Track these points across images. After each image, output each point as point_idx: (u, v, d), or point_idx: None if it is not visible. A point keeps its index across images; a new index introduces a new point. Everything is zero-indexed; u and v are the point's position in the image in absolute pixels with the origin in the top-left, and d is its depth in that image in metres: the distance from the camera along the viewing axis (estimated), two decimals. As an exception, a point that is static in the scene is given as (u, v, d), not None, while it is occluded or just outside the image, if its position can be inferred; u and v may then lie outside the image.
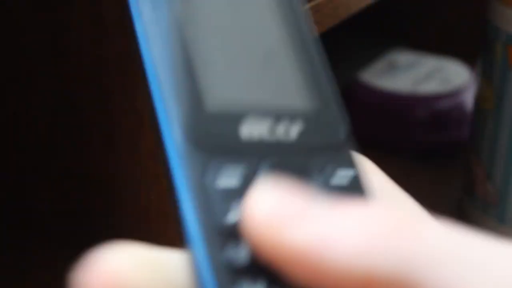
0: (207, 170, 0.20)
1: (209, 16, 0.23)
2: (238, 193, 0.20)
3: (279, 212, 0.18)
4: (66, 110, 0.44)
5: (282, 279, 0.19)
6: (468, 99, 0.65)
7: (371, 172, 0.23)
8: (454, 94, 0.65)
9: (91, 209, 0.45)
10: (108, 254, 0.19)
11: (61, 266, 0.46)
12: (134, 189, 0.43)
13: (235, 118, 0.21)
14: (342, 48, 0.74)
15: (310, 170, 0.21)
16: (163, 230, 0.43)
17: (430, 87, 0.65)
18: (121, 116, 0.42)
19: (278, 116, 0.22)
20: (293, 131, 0.21)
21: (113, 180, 0.44)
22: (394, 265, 0.17)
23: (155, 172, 0.42)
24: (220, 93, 0.21)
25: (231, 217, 0.19)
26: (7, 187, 0.48)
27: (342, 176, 0.21)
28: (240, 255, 0.19)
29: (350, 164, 0.21)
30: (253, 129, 0.21)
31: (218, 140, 0.21)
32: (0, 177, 0.49)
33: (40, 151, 0.46)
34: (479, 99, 0.54)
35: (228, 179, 0.20)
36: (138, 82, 0.41)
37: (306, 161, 0.21)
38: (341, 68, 0.70)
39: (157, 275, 0.20)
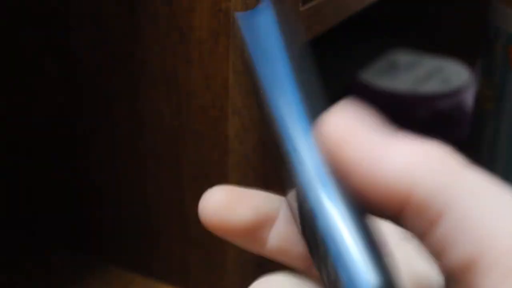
0: None
1: None
2: None
3: (352, 130, 0.22)
4: (65, 110, 0.44)
5: None
6: (468, 99, 0.65)
7: None
8: (454, 94, 0.65)
9: (91, 210, 0.45)
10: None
11: (61, 266, 0.46)
12: (134, 189, 0.43)
13: None
14: (342, 48, 0.74)
15: None
16: (163, 230, 0.43)
17: (430, 87, 0.65)
18: (121, 117, 0.42)
19: None
20: None
21: (113, 180, 0.44)
22: (430, 187, 0.20)
23: (155, 172, 0.42)
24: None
25: None
26: (7, 187, 0.48)
27: None
28: None
29: None
30: None
31: None
32: (0, 177, 0.49)
33: (39, 151, 0.46)
34: (479, 99, 0.54)
35: None
36: (138, 82, 0.41)
37: None
38: (341, 68, 0.70)
39: None
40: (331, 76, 0.69)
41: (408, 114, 0.64)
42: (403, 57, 0.71)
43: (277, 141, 0.23)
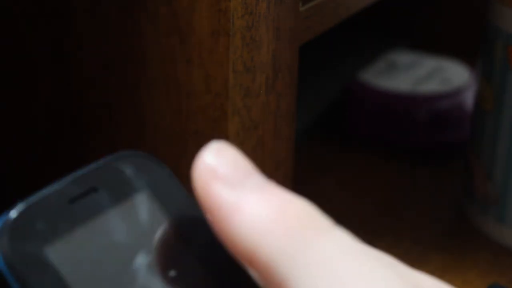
0: None
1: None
2: None
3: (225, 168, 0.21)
4: (66, 110, 0.44)
5: None
6: (468, 99, 0.65)
7: None
8: (454, 94, 0.65)
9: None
10: None
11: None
12: (134, 189, 0.43)
13: None
14: (342, 48, 0.74)
15: None
16: (163, 230, 0.43)
17: (430, 87, 0.65)
18: (121, 117, 0.42)
19: None
20: None
21: (113, 180, 0.44)
22: (274, 253, 0.19)
23: (155, 172, 0.42)
24: None
25: None
26: (7, 186, 0.48)
27: None
28: None
29: None
30: None
31: None
32: (0, 176, 0.49)
33: (40, 151, 0.46)
34: (479, 99, 0.54)
35: None
36: (138, 82, 0.41)
37: None
38: (341, 68, 0.70)
39: None
40: (331, 76, 0.69)
41: (408, 114, 0.64)
42: (403, 57, 0.71)
43: None
